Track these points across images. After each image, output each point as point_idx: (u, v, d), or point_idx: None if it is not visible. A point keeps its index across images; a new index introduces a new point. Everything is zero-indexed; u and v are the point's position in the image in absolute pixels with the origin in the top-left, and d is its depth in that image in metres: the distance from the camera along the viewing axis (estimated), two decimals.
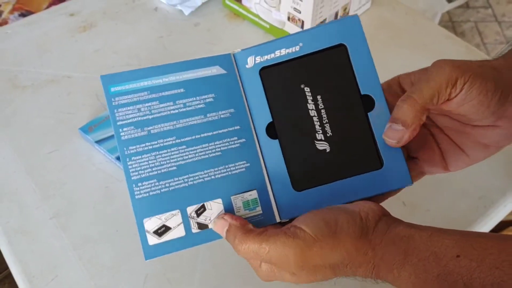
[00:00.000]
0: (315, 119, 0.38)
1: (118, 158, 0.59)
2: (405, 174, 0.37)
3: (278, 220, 0.38)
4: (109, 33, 0.79)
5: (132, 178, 0.37)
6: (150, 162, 0.37)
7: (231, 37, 0.78)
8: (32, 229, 0.56)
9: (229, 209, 0.37)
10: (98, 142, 0.61)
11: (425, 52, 0.76)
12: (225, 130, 0.39)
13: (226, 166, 0.38)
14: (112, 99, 0.38)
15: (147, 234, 0.37)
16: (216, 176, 0.38)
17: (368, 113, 0.38)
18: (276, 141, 0.38)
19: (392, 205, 0.57)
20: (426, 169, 0.41)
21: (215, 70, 0.40)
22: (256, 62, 0.39)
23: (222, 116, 0.39)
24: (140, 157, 0.37)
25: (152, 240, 0.37)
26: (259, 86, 0.39)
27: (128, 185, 0.37)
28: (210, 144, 0.38)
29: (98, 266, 0.53)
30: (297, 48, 0.38)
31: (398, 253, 0.32)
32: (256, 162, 0.38)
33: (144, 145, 0.37)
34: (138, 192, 0.37)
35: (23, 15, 0.93)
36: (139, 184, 0.37)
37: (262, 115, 0.38)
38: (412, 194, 0.59)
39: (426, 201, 0.58)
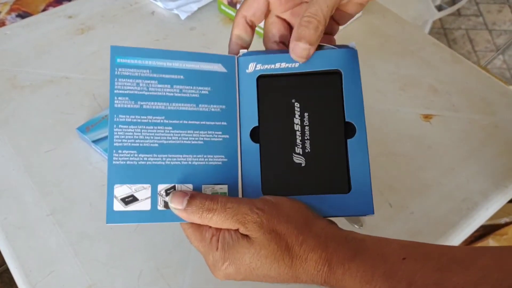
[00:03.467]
0: (298, 133, 0.40)
1: None
2: (369, 204, 0.40)
3: None
4: (106, 35, 0.81)
5: (115, 144, 0.38)
6: (135, 134, 0.38)
7: (225, 41, 0.80)
8: (30, 225, 0.57)
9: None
10: (95, 141, 0.62)
11: (412, 59, 0.79)
12: (212, 123, 0.40)
13: (205, 156, 0.39)
14: (116, 69, 0.39)
15: (114, 199, 0.37)
16: (193, 163, 0.39)
17: (348, 140, 0.40)
18: (257, 145, 0.40)
19: (378, 206, 0.60)
20: None
21: (217, 67, 0.41)
22: (256, 68, 0.41)
23: (212, 109, 0.40)
24: (127, 126, 0.38)
25: (118, 206, 0.37)
26: (254, 91, 0.40)
27: (108, 150, 0.38)
28: (195, 132, 0.40)
29: (94, 262, 0.54)
30: (296, 64, 0.40)
31: (349, 250, 0.35)
32: (234, 160, 0.40)
33: (133, 116, 0.39)
34: (116, 158, 0.38)
35: (20, 16, 0.95)
36: (119, 151, 0.38)
37: (250, 118, 0.40)
38: (398, 195, 0.61)
39: (411, 203, 0.60)
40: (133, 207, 0.37)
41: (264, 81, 0.41)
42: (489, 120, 0.70)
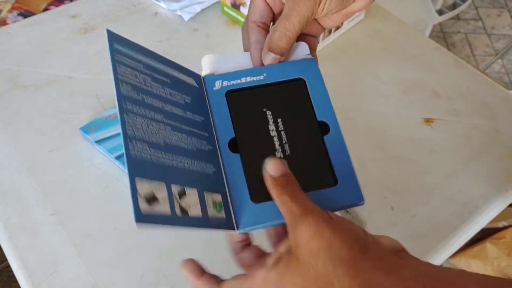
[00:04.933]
0: (275, 139, 0.40)
1: (117, 158, 0.61)
2: (357, 193, 0.39)
3: (235, 229, 0.38)
4: None
5: (128, 132, 0.34)
6: (143, 126, 0.36)
7: (228, 42, 0.80)
8: (33, 226, 0.57)
9: (202, 203, 0.36)
10: (98, 142, 0.62)
11: (414, 62, 0.79)
12: (198, 132, 0.40)
13: (200, 163, 0.38)
14: (115, 54, 0.37)
15: (138, 196, 0.32)
16: (192, 168, 0.38)
17: (324, 137, 0.41)
18: (238, 155, 0.40)
19: (380, 210, 0.60)
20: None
21: (190, 81, 0.42)
22: (223, 85, 0.42)
23: (196, 119, 0.40)
24: (134, 116, 0.36)
25: (143, 205, 0.33)
26: (225, 106, 0.42)
27: (123, 140, 0.34)
28: (188, 137, 0.39)
29: (97, 262, 0.55)
30: (262, 77, 0.42)
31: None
32: (220, 171, 0.39)
33: (138, 107, 0.36)
34: (132, 149, 0.34)
35: (22, 14, 0.95)
36: (133, 141, 0.34)
37: (226, 131, 0.41)
38: (400, 199, 0.61)
39: (413, 206, 0.61)
40: (155, 208, 0.33)
41: (233, 96, 0.42)
42: (490, 125, 0.70)
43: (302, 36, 0.46)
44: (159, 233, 0.57)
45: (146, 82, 0.38)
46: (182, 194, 0.36)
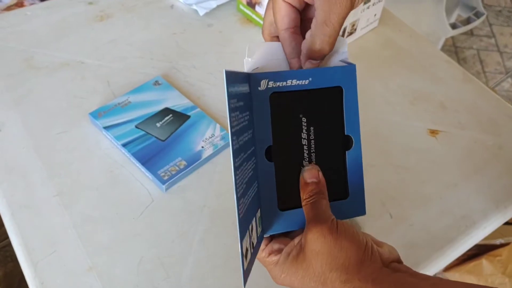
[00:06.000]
0: (305, 147, 0.42)
1: (124, 145, 0.62)
2: (362, 206, 0.43)
3: (263, 234, 0.40)
4: (124, 25, 0.82)
5: (237, 193, 0.33)
6: (242, 178, 0.34)
7: (241, 40, 0.81)
8: (36, 205, 0.58)
9: (255, 228, 0.37)
10: (106, 128, 0.63)
11: (423, 74, 0.80)
12: (250, 151, 0.38)
13: (253, 185, 0.38)
14: (229, 100, 0.32)
15: (243, 260, 0.33)
16: (251, 196, 0.37)
17: (346, 151, 0.43)
18: (272, 163, 0.41)
19: (378, 216, 0.61)
20: None
21: (246, 88, 0.39)
22: (269, 86, 0.40)
23: (249, 136, 0.38)
24: (240, 172, 0.34)
25: (245, 263, 0.33)
26: (267, 111, 0.40)
27: (236, 202, 0.33)
28: (248, 162, 0.37)
29: (96, 245, 0.55)
30: (307, 82, 0.41)
31: None
32: (257, 182, 0.39)
33: (240, 156, 0.34)
34: (240, 211, 0.33)
35: None
36: (241, 200, 0.33)
37: (265, 138, 0.40)
38: (399, 207, 0.62)
39: (411, 215, 0.61)
40: (246, 263, 0.34)
41: (276, 97, 0.41)
42: (494, 141, 0.71)
43: None
44: (158, 222, 0.57)
45: (239, 119, 0.35)
46: (252, 231, 0.37)
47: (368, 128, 0.70)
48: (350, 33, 0.81)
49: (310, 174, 0.40)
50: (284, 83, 0.41)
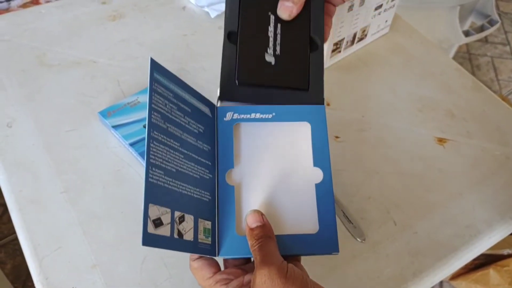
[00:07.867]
0: (271, 39, 0.46)
1: (131, 144, 0.62)
2: (335, 243, 0.42)
3: (216, 255, 0.41)
4: (136, 25, 0.82)
5: (150, 160, 0.37)
6: (163, 154, 0.38)
7: None
8: (43, 201, 0.59)
9: (195, 228, 0.40)
10: (115, 127, 0.64)
11: (432, 81, 0.79)
12: (203, 161, 0.43)
13: (200, 191, 0.41)
14: (154, 83, 0.39)
15: (148, 220, 0.36)
16: (194, 195, 0.41)
17: (316, 185, 0.43)
18: (232, 187, 0.43)
19: (382, 223, 0.61)
20: None
21: (206, 110, 0.45)
22: (233, 117, 0.45)
23: (204, 148, 0.43)
24: (158, 145, 0.38)
25: (151, 228, 0.36)
26: (231, 138, 0.44)
27: (145, 166, 0.37)
28: (194, 166, 0.41)
29: (101, 243, 0.56)
30: (270, 116, 0.45)
31: None
32: (214, 200, 0.42)
33: (163, 136, 0.39)
34: (151, 176, 0.37)
35: None
36: (154, 168, 0.37)
37: (227, 163, 0.43)
38: (403, 215, 0.62)
39: (415, 223, 0.61)
40: (160, 231, 0.37)
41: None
42: (501, 151, 0.70)
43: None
44: None
45: (173, 111, 0.41)
46: (182, 220, 0.39)
47: (374, 134, 0.70)
48: (360, 39, 0.81)
49: (254, 219, 0.40)
50: (248, 116, 0.45)
